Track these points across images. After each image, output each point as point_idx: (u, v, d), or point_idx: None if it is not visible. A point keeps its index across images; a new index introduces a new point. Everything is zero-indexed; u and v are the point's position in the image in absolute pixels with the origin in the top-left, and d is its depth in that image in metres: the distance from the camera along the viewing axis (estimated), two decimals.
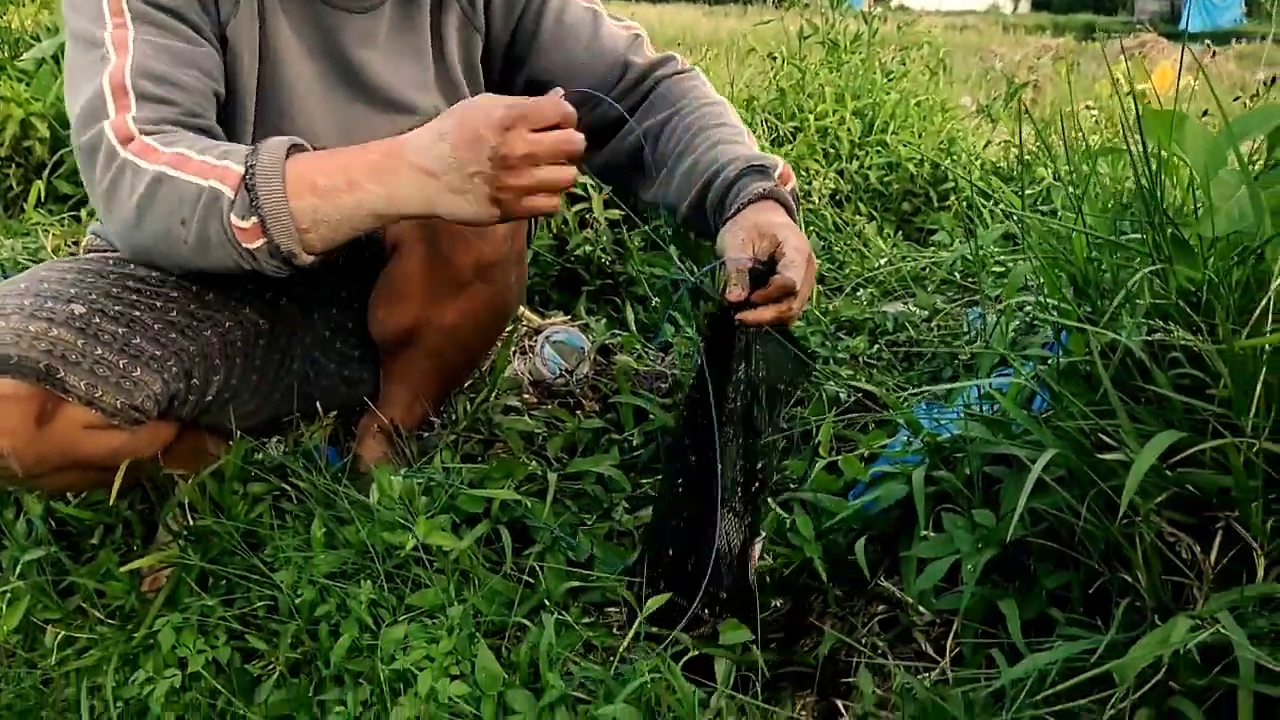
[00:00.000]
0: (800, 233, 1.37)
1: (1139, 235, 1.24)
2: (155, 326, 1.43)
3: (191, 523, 1.48)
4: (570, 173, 1.24)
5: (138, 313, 1.42)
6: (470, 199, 1.22)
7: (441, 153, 1.22)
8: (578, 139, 1.22)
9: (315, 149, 1.32)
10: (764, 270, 1.31)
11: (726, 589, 1.32)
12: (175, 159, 1.26)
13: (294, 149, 1.28)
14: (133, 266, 1.50)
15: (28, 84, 3.26)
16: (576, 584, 1.42)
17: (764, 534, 1.36)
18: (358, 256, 1.57)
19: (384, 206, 1.26)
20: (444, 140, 1.22)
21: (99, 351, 1.36)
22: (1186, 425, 1.03)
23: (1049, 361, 1.24)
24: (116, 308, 1.41)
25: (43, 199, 3.02)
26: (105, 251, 1.58)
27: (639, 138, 1.60)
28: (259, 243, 1.25)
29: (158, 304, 1.46)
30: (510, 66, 1.65)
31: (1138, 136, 1.16)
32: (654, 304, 2.26)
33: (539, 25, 1.61)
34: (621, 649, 1.27)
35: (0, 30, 3.92)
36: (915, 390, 1.64)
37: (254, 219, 1.24)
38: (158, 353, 1.42)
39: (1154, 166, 1.11)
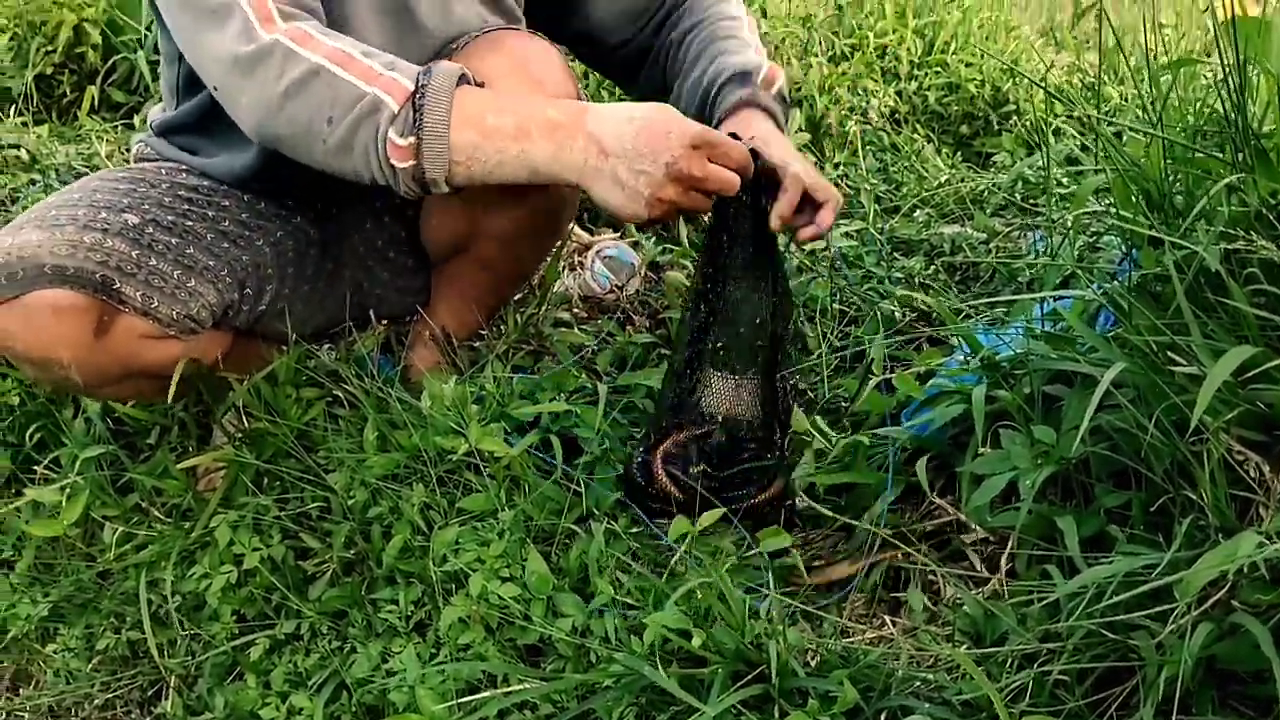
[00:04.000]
0: (799, 154, 1.40)
1: (1217, 150, 1.20)
2: (208, 236, 1.43)
3: (246, 425, 1.50)
4: (708, 205, 1.28)
5: (191, 222, 1.43)
6: (626, 191, 1.21)
7: (622, 135, 1.20)
8: (737, 185, 1.25)
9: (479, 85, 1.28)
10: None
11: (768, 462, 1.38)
12: (338, 55, 1.21)
13: (463, 79, 1.23)
14: (184, 175, 1.50)
15: None
16: None
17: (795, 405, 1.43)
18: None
19: (544, 165, 1.22)
20: (631, 125, 1.20)
21: (154, 262, 1.36)
22: (1260, 341, 1.00)
23: (1117, 278, 1.21)
24: (170, 218, 1.41)
25: (96, 106, 3.03)
26: (156, 161, 1.58)
27: (665, 56, 1.63)
28: (408, 164, 1.21)
29: (210, 213, 1.46)
30: None
31: (1222, 46, 1.11)
32: (705, 221, 2.23)
33: None
34: (674, 560, 1.27)
35: None
36: (975, 304, 1.61)
37: (411, 139, 1.19)
38: (211, 263, 1.43)
39: (1242, 73, 1.07)
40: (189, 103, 1.53)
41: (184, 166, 1.53)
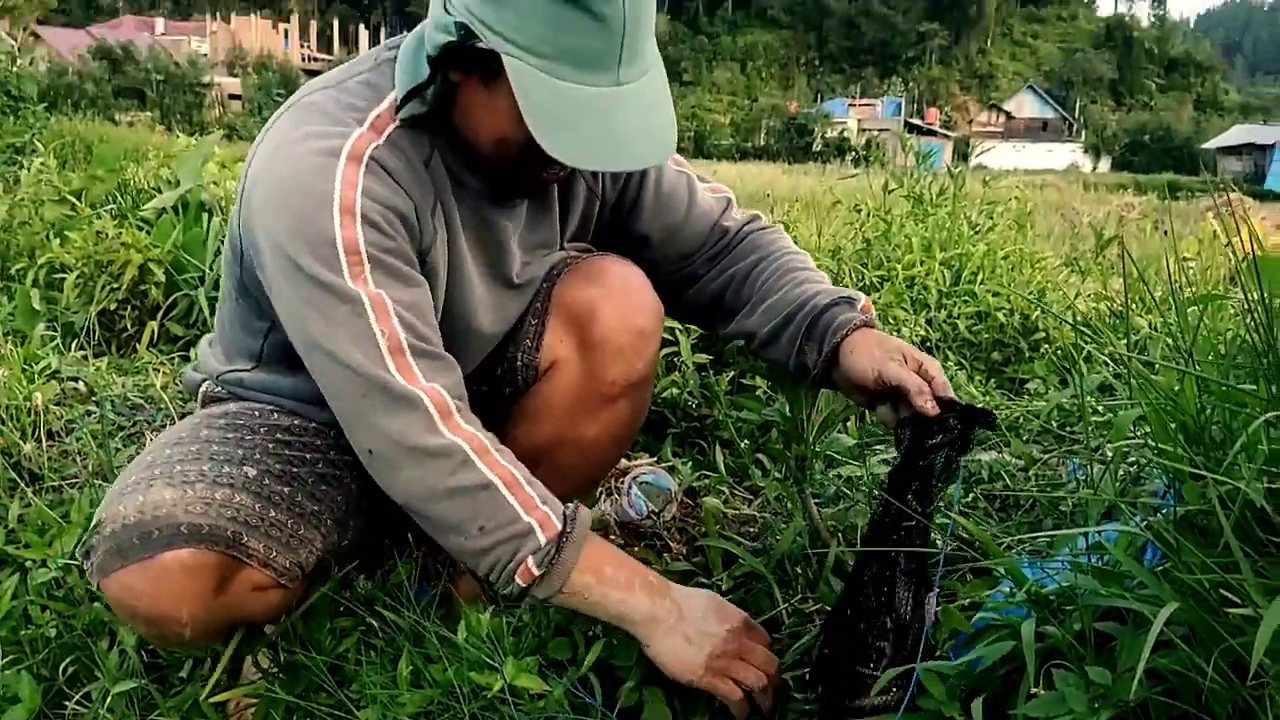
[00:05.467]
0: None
1: (1250, 382, 1.21)
2: (310, 480, 1.47)
3: (280, 658, 1.48)
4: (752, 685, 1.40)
5: (295, 468, 1.46)
6: (692, 648, 1.38)
7: (696, 604, 1.41)
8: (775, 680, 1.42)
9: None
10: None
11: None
12: (510, 478, 1.35)
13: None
14: (276, 416, 1.53)
15: (148, 232, 3.45)
16: None
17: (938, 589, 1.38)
18: (495, 392, 1.60)
19: (638, 613, 1.38)
20: (703, 599, 1.43)
21: (272, 514, 1.39)
22: None
23: (1161, 512, 1.20)
24: (279, 466, 1.45)
25: (155, 340, 3.15)
26: (229, 402, 1.59)
27: (722, 284, 1.71)
28: (522, 582, 1.34)
29: (308, 455, 1.50)
30: (615, 222, 1.72)
31: (1244, 283, 1.14)
32: (741, 447, 2.24)
33: (640, 193, 1.69)
34: None
35: (123, 183, 4.20)
36: (1018, 536, 1.59)
37: (541, 570, 1.33)
38: (315, 508, 1.46)
39: (1269, 310, 1.09)
40: (273, 371, 1.56)
41: (272, 406, 1.56)
